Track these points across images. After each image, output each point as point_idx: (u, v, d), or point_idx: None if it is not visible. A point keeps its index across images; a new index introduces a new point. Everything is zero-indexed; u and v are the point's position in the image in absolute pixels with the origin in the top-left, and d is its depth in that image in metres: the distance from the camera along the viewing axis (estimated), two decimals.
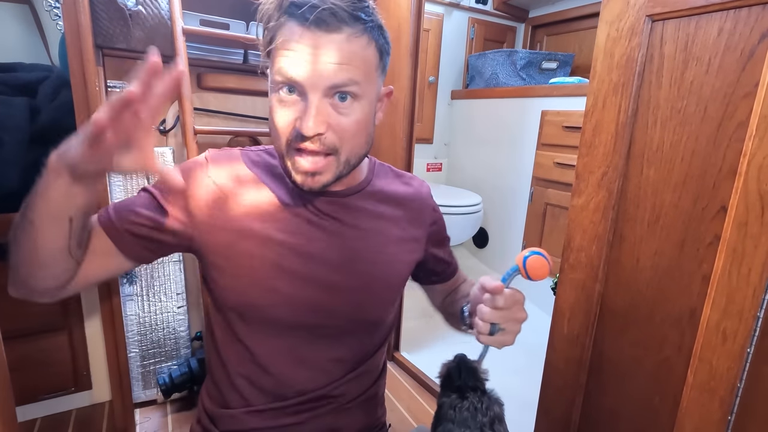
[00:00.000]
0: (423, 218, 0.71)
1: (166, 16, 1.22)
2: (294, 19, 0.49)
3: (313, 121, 0.50)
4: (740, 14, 0.58)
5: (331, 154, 0.54)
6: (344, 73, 0.50)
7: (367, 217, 0.65)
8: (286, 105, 0.52)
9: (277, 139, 0.54)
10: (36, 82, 1.13)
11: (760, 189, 0.55)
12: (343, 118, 0.52)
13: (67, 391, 1.28)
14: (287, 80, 0.50)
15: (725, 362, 0.61)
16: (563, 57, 2.24)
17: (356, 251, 0.63)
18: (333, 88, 0.51)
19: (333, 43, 0.49)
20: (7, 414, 0.59)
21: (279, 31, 0.51)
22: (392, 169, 0.74)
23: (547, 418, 0.93)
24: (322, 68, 0.49)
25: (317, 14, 0.48)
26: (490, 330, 0.55)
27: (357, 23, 0.50)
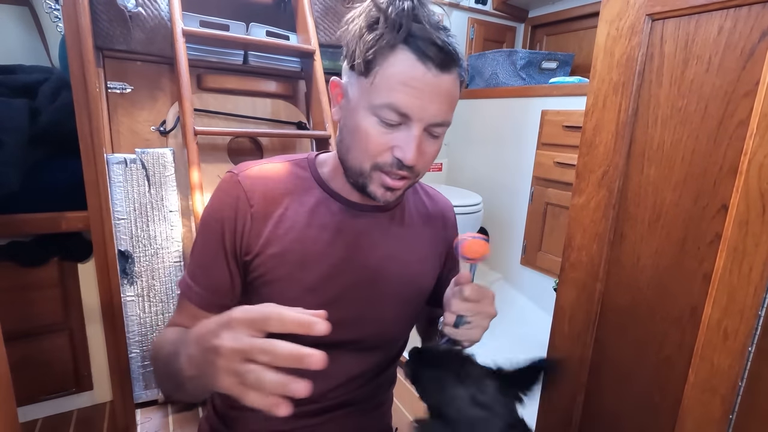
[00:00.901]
0: (445, 236, 0.74)
1: (166, 18, 1.22)
2: (410, 50, 0.50)
3: (416, 153, 0.53)
4: (740, 13, 0.58)
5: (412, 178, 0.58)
6: (446, 112, 0.54)
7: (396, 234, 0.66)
8: (386, 131, 0.53)
9: (364, 159, 0.55)
10: (36, 84, 1.13)
11: (760, 187, 0.55)
12: (431, 149, 0.56)
13: (68, 392, 1.28)
14: (398, 113, 0.52)
15: (726, 361, 0.61)
16: (563, 57, 2.24)
17: (386, 269, 0.64)
18: (434, 125, 0.54)
19: (445, 83, 0.52)
20: (9, 414, 0.59)
21: (391, 58, 0.51)
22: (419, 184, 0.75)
23: (548, 416, 0.93)
24: (432, 105, 0.52)
25: (435, 52, 0.50)
26: (455, 321, 0.55)
27: (460, 64, 0.54)
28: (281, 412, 0.36)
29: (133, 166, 1.21)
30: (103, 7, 1.13)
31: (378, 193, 0.57)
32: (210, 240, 0.60)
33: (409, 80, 0.50)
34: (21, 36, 1.43)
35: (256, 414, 0.64)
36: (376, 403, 0.70)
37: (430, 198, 0.75)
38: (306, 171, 0.65)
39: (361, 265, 0.62)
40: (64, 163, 1.12)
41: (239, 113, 1.41)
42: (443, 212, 0.75)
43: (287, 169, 0.64)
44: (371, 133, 0.53)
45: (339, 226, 0.62)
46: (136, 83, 1.27)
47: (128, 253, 1.23)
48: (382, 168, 0.55)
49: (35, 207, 1.08)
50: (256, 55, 1.42)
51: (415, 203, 0.71)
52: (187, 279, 0.61)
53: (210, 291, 0.59)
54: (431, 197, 0.75)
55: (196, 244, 0.61)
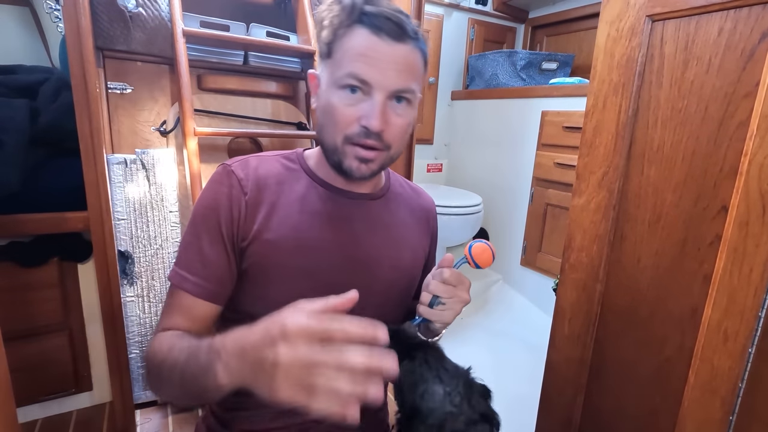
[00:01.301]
0: (428, 228, 0.77)
1: (167, 18, 1.22)
2: (365, 26, 0.55)
3: (380, 119, 0.56)
4: (740, 14, 0.58)
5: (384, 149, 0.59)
6: (407, 79, 0.57)
7: (386, 223, 0.69)
8: (350, 103, 0.57)
9: (335, 133, 0.58)
10: (36, 84, 1.13)
11: (761, 188, 0.55)
12: (399, 119, 0.59)
13: (67, 392, 1.28)
14: (358, 80, 0.55)
15: (726, 362, 0.61)
16: (563, 57, 2.24)
17: (379, 256, 0.66)
18: (395, 92, 0.57)
19: (401, 52, 0.56)
20: (8, 415, 0.59)
21: (348, 35, 0.56)
22: (402, 178, 0.79)
23: (548, 418, 0.93)
24: (390, 73, 0.56)
25: (389, 26, 0.55)
26: (431, 301, 0.58)
27: (416, 39, 0.58)
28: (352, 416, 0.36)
29: (133, 166, 1.21)
30: (104, 8, 1.13)
31: (353, 166, 0.59)
32: (206, 229, 0.60)
33: (365, 50, 0.55)
34: (21, 36, 1.43)
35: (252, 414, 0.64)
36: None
37: (416, 192, 0.78)
38: (295, 163, 0.68)
39: (354, 251, 0.64)
40: (65, 164, 1.12)
41: (239, 114, 1.41)
42: (427, 207, 0.78)
43: (277, 160, 0.67)
44: (338, 106, 0.57)
45: (330, 212, 0.64)
46: (137, 83, 1.27)
47: (128, 253, 1.23)
48: (352, 140, 0.58)
49: (35, 207, 1.08)
50: (256, 55, 1.42)
51: (402, 195, 0.74)
52: (179, 271, 0.60)
53: (208, 280, 0.60)
54: (416, 192, 0.78)
55: (188, 235, 0.62)
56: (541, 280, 2.06)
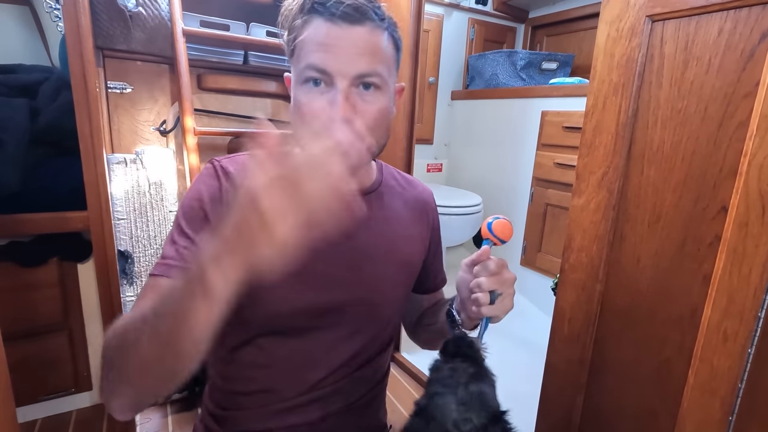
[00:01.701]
0: (427, 219, 0.74)
1: (167, 18, 1.22)
2: (319, 15, 0.53)
3: (344, 107, 0.52)
4: (740, 14, 0.58)
5: None
6: (369, 63, 0.53)
7: (379, 217, 0.67)
8: (314, 96, 0.54)
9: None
10: (36, 84, 1.13)
11: (760, 189, 0.55)
12: (368, 106, 0.55)
13: (67, 392, 1.28)
14: (317, 71, 0.53)
15: (726, 362, 0.61)
16: (563, 57, 2.24)
17: (370, 251, 0.64)
18: (359, 77, 0.53)
19: (358, 35, 0.53)
20: (8, 415, 0.59)
21: (304, 28, 0.54)
22: (397, 171, 0.77)
23: (547, 418, 0.93)
24: (349, 58, 0.52)
25: (343, 9, 0.51)
26: (491, 298, 0.56)
27: (377, 19, 0.54)
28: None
29: (133, 165, 1.21)
30: (104, 7, 1.12)
31: None
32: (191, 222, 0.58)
33: (320, 39, 0.52)
34: (21, 35, 1.43)
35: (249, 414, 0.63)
36: (368, 399, 0.70)
37: (410, 184, 0.76)
38: None
39: (346, 247, 0.62)
40: (64, 163, 1.12)
41: (239, 113, 1.41)
42: (423, 197, 0.75)
43: None
44: (303, 101, 0.55)
45: None
46: (137, 83, 1.26)
47: (128, 253, 1.23)
48: None
49: (35, 207, 1.08)
50: (256, 55, 1.42)
51: (395, 188, 0.72)
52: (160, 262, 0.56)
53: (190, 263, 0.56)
54: (411, 183, 0.76)
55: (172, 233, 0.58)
56: (540, 280, 2.06)
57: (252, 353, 0.62)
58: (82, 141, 1.02)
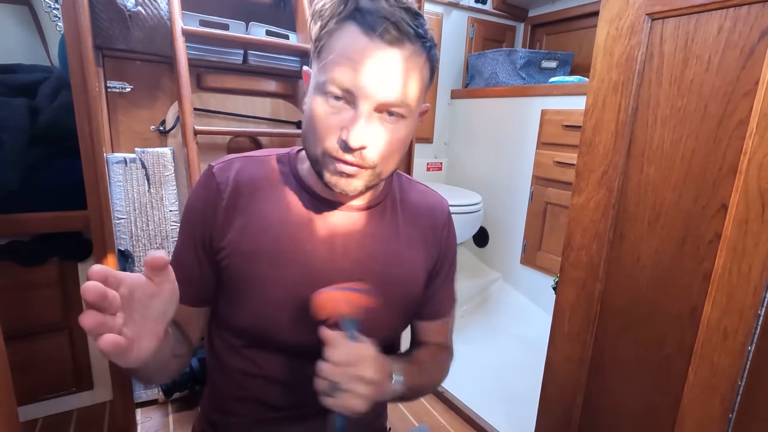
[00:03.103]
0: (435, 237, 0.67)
1: (166, 17, 1.22)
2: (357, 25, 0.47)
3: (360, 135, 0.48)
4: (740, 12, 0.58)
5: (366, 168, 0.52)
6: (399, 92, 0.49)
7: (378, 235, 0.62)
8: (333, 111, 0.50)
9: (315, 144, 0.52)
10: (36, 83, 1.13)
11: (760, 187, 0.55)
12: (387, 135, 0.51)
13: (68, 391, 1.28)
14: (340, 89, 0.48)
15: (726, 360, 0.61)
16: (563, 56, 2.24)
17: (368, 270, 0.60)
18: (385, 105, 0.49)
19: (395, 58, 0.48)
20: (9, 414, 0.59)
21: (338, 34, 0.49)
22: (410, 180, 0.71)
23: (548, 416, 0.93)
24: (379, 82, 0.48)
25: (384, 25, 0.46)
26: (329, 389, 0.47)
27: (418, 41, 0.49)
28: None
29: (133, 165, 1.21)
30: (103, 7, 1.12)
31: (332, 181, 0.52)
32: (184, 232, 0.60)
33: (351, 53, 0.47)
34: (20, 35, 1.43)
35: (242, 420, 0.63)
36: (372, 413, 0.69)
37: (422, 196, 0.69)
38: (285, 166, 0.62)
39: (341, 265, 0.59)
40: (64, 163, 1.12)
41: (239, 113, 1.41)
42: (433, 212, 0.68)
43: (267, 163, 0.62)
44: (319, 114, 0.50)
45: (316, 224, 0.59)
46: (136, 83, 1.26)
47: (128, 252, 1.23)
48: (331, 153, 0.50)
49: (35, 207, 1.08)
50: (256, 54, 1.42)
51: (402, 201, 0.66)
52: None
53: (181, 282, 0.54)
54: (423, 195, 0.69)
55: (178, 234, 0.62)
56: (540, 279, 2.06)
57: (242, 362, 0.61)
58: (82, 141, 1.02)
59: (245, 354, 0.61)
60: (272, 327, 0.58)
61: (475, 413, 1.34)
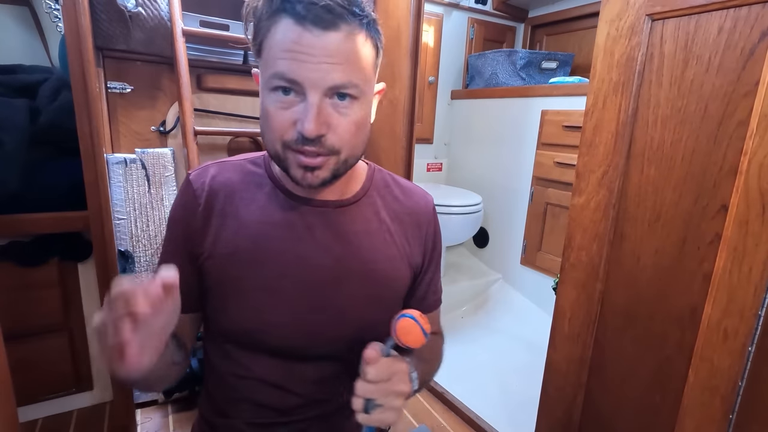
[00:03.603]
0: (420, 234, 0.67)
1: (166, 18, 1.22)
2: (288, 15, 0.47)
3: (315, 123, 0.48)
4: (740, 13, 0.58)
5: (330, 154, 0.52)
6: (344, 73, 0.49)
7: (358, 231, 0.61)
8: (284, 106, 0.50)
9: (274, 141, 0.52)
10: (36, 84, 1.13)
11: (760, 187, 0.55)
12: (343, 119, 0.51)
13: (68, 392, 1.28)
14: (286, 81, 0.48)
15: (726, 361, 0.61)
16: (563, 57, 2.24)
17: (348, 268, 0.59)
18: (333, 89, 0.49)
19: (332, 42, 0.47)
20: (9, 415, 0.59)
21: (273, 29, 0.49)
22: (394, 177, 0.70)
23: (548, 416, 0.93)
24: (322, 68, 0.48)
25: (314, 11, 0.46)
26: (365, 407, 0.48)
27: (354, 19, 0.48)
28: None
29: (133, 166, 1.21)
30: (103, 7, 1.12)
31: (298, 175, 0.53)
32: (169, 241, 0.61)
33: (290, 45, 0.47)
34: (21, 36, 1.43)
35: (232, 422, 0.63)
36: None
37: (405, 193, 0.68)
38: (260, 167, 0.62)
39: (319, 263, 0.58)
40: (64, 163, 1.12)
41: (239, 113, 1.41)
42: (418, 208, 0.67)
43: (241, 166, 0.63)
44: (271, 110, 0.51)
45: (293, 222, 0.59)
46: (136, 83, 1.26)
47: (128, 253, 1.23)
48: (291, 146, 0.51)
49: (35, 207, 1.08)
50: None
51: (384, 199, 0.65)
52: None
53: None
54: (406, 192, 0.68)
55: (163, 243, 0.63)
56: (541, 279, 2.06)
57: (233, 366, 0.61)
58: (82, 141, 1.02)
59: (235, 357, 0.61)
60: (256, 328, 0.58)
61: (475, 414, 1.34)
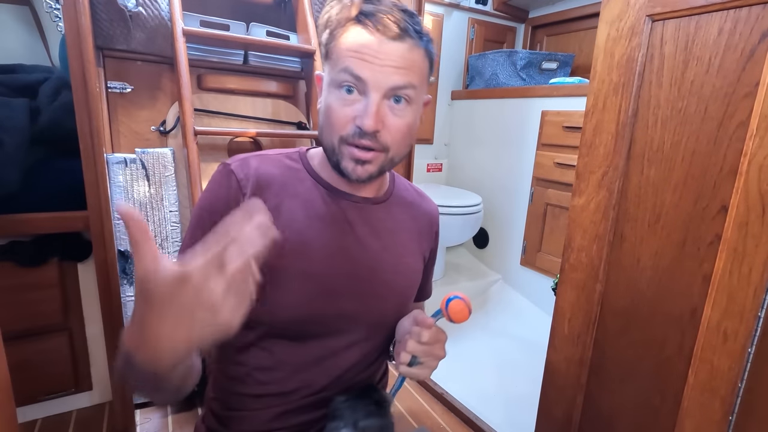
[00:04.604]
0: (430, 235, 0.76)
1: (167, 18, 1.22)
2: (362, 26, 0.55)
3: (374, 119, 0.54)
4: (740, 14, 0.58)
5: (381, 151, 0.58)
6: (405, 77, 0.55)
7: (389, 228, 0.68)
8: (346, 103, 0.56)
9: (332, 134, 0.58)
10: (36, 84, 1.13)
11: (760, 188, 0.55)
12: (397, 119, 0.57)
13: (67, 392, 1.28)
14: (353, 77, 0.55)
15: (726, 362, 0.61)
16: (563, 57, 2.24)
17: (382, 261, 0.66)
18: (393, 90, 0.55)
19: (397, 50, 0.55)
20: (8, 415, 0.59)
21: (344, 35, 0.56)
22: (409, 183, 0.79)
23: (548, 417, 0.93)
24: (385, 71, 0.54)
25: (384, 24, 0.54)
26: (410, 361, 0.58)
27: (416, 36, 0.56)
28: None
29: (133, 166, 1.21)
30: (104, 7, 1.12)
31: (349, 167, 0.58)
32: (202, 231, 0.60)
33: (359, 47, 0.54)
34: (21, 35, 1.43)
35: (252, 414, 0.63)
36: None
37: (420, 197, 0.77)
38: (298, 163, 0.66)
39: (358, 255, 0.64)
40: (64, 163, 1.12)
41: (239, 113, 1.41)
42: (431, 212, 0.77)
43: (279, 160, 0.66)
44: (335, 106, 0.57)
45: (333, 216, 0.63)
46: (136, 83, 1.26)
47: (128, 253, 1.23)
48: (348, 140, 0.57)
49: (35, 207, 1.08)
50: (256, 55, 1.42)
51: (405, 199, 0.73)
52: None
53: None
54: (421, 196, 0.77)
55: (186, 237, 0.62)
56: (540, 280, 2.06)
57: (258, 356, 0.63)
58: (82, 141, 1.02)
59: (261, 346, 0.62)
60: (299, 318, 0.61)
61: (475, 414, 1.34)
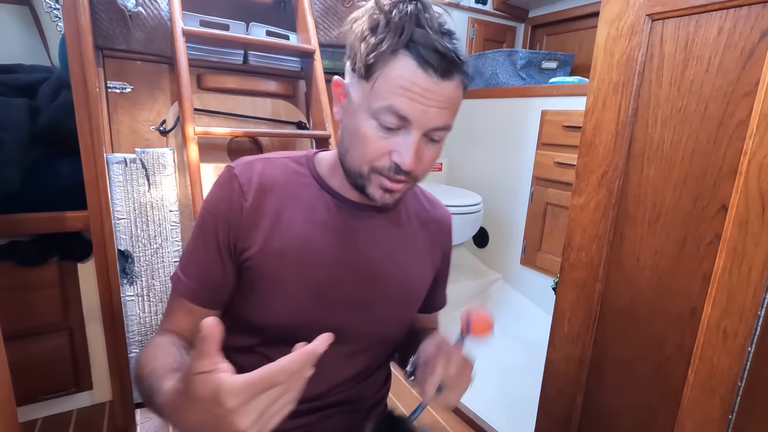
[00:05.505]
0: (441, 244, 0.73)
1: (166, 17, 1.22)
2: (413, 58, 0.50)
3: (413, 158, 0.53)
4: (740, 13, 0.58)
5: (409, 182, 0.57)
6: (447, 118, 0.54)
7: (394, 236, 0.66)
8: (384, 136, 0.53)
9: (362, 161, 0.55)
10: (36, 83, 1.13)
11: (760, 188, 0.55)
12: (429, 152, 0.56)
13: (67, 392, 1.28)
14: (398, 117, 0.52)
15: (726, 361, 0.61)
16: (563, 57, 2.24)
17: (384, 271, 0.64)
18: (433, 130, 0.54)
19: (446, 89, 0.52)
20: (8, 414, 0.59)
21: (392, 63, 0.51)
22: (422, 189, 0.76)
23: (547, 417, 0.93)
24: (431, 112, 0.52)
25: (436, 59, 0.50)
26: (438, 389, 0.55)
27: (464, 71, 0.54)
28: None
29: (133, 165, 1.21)
30: (103, 7, 1.12)
31: (377, 195, 0.57)
32: (204, 234, 0.59)
33: (409, 85, 0.50)
34: (21, 35, 1.43)
35: None
36: (372, 402, 0.70)
37: (431, 203, 0.74)
38: (304, 168, 0.64)
39: (360, 265, 0.62)
40: (64, 163, 1.12)
41: (239, 113, 1.41)
42: (442, 220, 0.74)
43: (285, 165, 0.64)
44: (370, 136, 0.53)
45: (337, 224, 0.61)
46: (136, 83, 1.27)
47: (128, 252, 1.23)
48: (380, 172, 0.55)
49: (35, 207, 1.08)
50: (256, 54, 1.42)
51: (414, 207, 0.71)
52: (179, 273, 0.60)
53: (203, 285, 0.59)
54: (431, 203, 0.75)
55: (191, 238, 0.61)
56: (540, 279, 2.06)
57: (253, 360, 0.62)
58: (82, 141, 1.02)
59: (257, 351, 0.62)
60: (297, 325, 0.60)
61: (475, 414, 1.34)
